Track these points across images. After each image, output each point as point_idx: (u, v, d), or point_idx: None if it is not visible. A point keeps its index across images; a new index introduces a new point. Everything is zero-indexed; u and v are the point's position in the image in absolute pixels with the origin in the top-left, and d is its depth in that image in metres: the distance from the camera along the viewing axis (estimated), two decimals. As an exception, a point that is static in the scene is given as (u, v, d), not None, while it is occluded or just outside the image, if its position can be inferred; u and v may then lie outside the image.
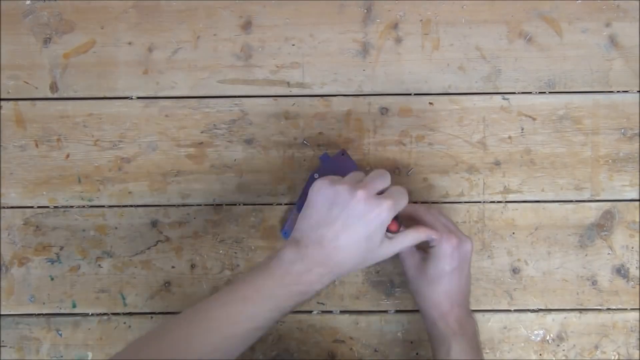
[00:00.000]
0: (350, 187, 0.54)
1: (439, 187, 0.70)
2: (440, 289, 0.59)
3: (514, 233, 0.70)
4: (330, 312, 0.70)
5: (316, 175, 0.66)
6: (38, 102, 0.70)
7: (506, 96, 0.70)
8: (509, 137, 0.70)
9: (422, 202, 0.70)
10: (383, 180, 0.56)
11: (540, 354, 0.70)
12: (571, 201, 0.70)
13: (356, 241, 0.53)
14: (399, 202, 0.55)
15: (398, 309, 0.70)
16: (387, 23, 0.70)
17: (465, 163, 0.70)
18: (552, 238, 0.70)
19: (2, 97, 0.70)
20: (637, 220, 0.70)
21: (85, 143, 0.70)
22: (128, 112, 0.70)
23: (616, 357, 0.70)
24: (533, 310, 0.70)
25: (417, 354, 0.70)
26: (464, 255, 0.60)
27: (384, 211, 0.53)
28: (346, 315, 0.70)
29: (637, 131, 0.70)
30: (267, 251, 0.70)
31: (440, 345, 0.59)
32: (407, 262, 0.63)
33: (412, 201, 0.64)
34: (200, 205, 0.70)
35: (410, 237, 0.57)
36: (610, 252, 0.70)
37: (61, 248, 0.70)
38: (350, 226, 0.53)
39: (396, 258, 0.70)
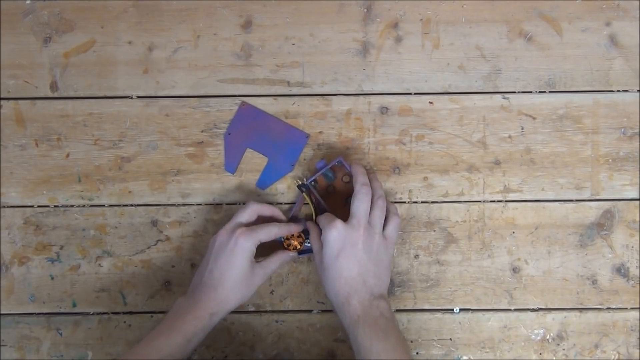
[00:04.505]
0: (218, 232, 0.63)
1: (439, 186, 0.70)
2: (332, 275, 0.61)
3: (514, 232, 0.70)
4: (330, 311, 0.70)
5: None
6: (38, 102, 0.70)
7: (506, 95, 0.70)
8: (509, 137, 0.70)
9: (422, 202, 0.70)
10: (244, 214, 0.64)
11: (541, 353, 0.70)
12: (571, 200, 0.70)
13: (229, 273, 0.61)
14: (257, 230, 0.62)
15: (397, 308, 0.70)
16: (387, 22, 0.70)
17: (466, 162, 0.70)
18: (552, 237, 0.70)
19: (2, 96, 0.70)
20: (637, 219, 0.70)
21: (86, 142, 0.70)
22: (128, 112, 0.70)
23: (616, 357, 0.70)
24: (533, 309, 0.70)
25: (417, 353, 0.70)
26: (350, 240, 0.61)
27: (239, 239, 0.61)
28: (346, 315, 0.70)
29: (637, 130, 0.70)
30: (267, 250, 0.69)
31: (349, 333, 0.60)
32: (315, 256, 0.65)
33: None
34: (200, 204, 0.70)
35: (276, 259, 0.66)
36: (610, 251, 0.70)
37: (61, 247, 0.70)
38: (218, 260, 0.62)
39: (394, 257, 0.69)
